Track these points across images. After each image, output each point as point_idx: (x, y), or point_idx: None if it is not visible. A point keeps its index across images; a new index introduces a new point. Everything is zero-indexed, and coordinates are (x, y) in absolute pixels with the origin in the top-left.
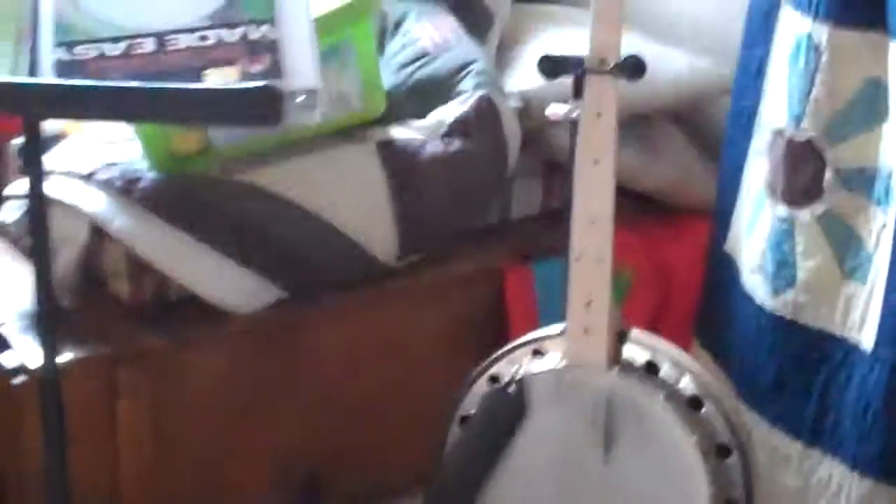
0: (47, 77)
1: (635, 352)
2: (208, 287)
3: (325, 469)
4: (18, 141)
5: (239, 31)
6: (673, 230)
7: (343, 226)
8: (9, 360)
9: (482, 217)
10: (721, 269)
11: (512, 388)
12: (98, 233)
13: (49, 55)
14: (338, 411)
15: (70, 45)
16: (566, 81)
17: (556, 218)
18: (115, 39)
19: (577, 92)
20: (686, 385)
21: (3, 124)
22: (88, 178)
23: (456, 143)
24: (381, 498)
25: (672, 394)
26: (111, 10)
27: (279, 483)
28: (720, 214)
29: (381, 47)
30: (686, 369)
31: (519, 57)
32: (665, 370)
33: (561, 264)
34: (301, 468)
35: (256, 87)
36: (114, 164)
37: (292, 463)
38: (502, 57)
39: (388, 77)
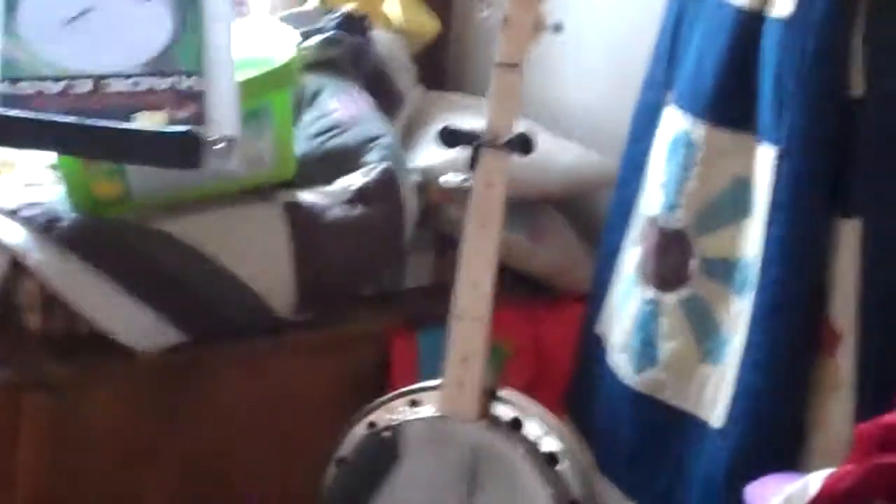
0: None
1: (504, 409)
2: (113, 324)
3: None
4: None
5: (169, 80)
6: (553, 310)
7: (246, 278)
8: None
9: (377, 282)
10: (590, 348)
11: (387, 434)
12: (16, 266)
13: None
14: (225, 454)
15: (13, 81)
16: (463, 161)
17: (444, 290)
18: (56, 79)
19: (472, 164)
20: (547, 442)
21: None
22: (12, 214)
23: (357, 210)
24: None
25: (532, 449)
26: (54, 51)
27: None
28: (594, 297)
29: (296, 116)
30: (549, 428)
31: (423, 137)
32: (529, 427)
33: (445, 332)
34: None
35: (180, 131)
36: (38, 203)
37: None
38: (408, 136)
39: (301, 144)
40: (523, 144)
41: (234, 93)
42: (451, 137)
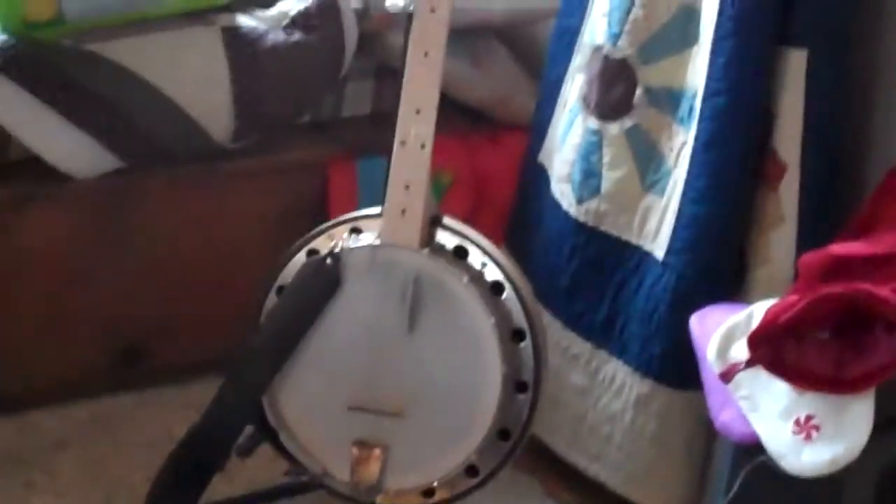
0: None
1: (447, 237)
2: (49, 148)
3: (148, 339)
4: None
5: None
6: (493, 140)
7: (183, 103)
8: None
9: (315, 110)
10: (533, 178)
11: (329, 261)
12: None
13: None
14: (163, 281)
15: None
16: None
17: (384, 119)
18: None
19: None
20: (490, 271)
21: None
22: None
23: (296, 35)
24: (203, 370)
25: (476, 277)
26: None
27: (103, 348)
28: (537, 127)
29: None
30: (492, 257)
31: None
32: (472, 256)
33: (384, 162)
34: (125, 336)
35: None
36: None
37: (117, 330)
38: None
39: None
40: None
41: None
42: None
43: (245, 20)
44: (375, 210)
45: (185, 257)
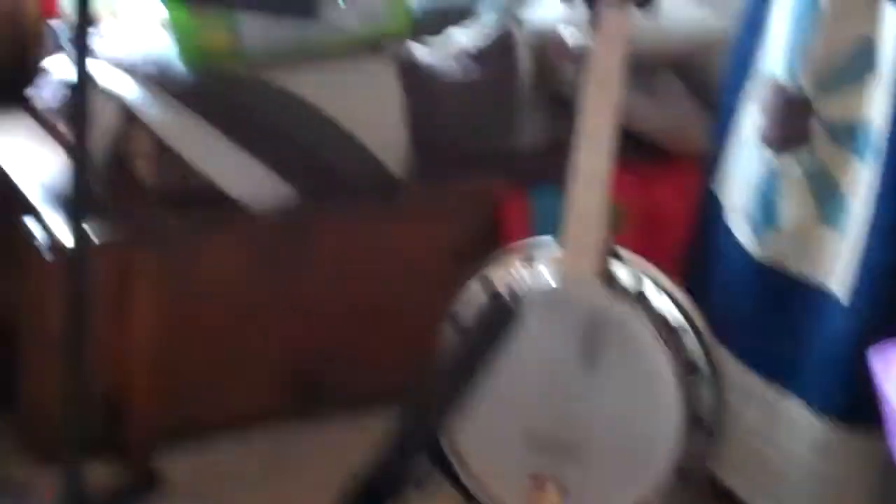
0: None
1: (623, 272)
2: (228, 180)
3: (325, 370)
4: (56, 22)
5: None
6: (667, 172)
7: (359, 134)
8: (37, 232)
9: (490, 142)
10: (708, 210)
11: (504, 292)
12: (129, 118)
13: None
14: (339, 313)
15: None
16: (579, 17)
17: (557, 149)
18: None
19: (592, 23)
20: (668, 307)
21: (43, 4)
22: (126, 66)
23: (472, 68)
24: (379, 400)
25: (653, 313)
26: None
27: (280, 380)
28: (711, 158)
29: None
30: (669, 293)
31: None
32: (650, 291)
33: (559, 192)
34: (302, 368)
35: None
36: (149, 55)
37: (294, 362)
38: None
39: None
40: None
41: None
42: None
43: (421, 52)
44: (552, 241)
45: (360, 288)
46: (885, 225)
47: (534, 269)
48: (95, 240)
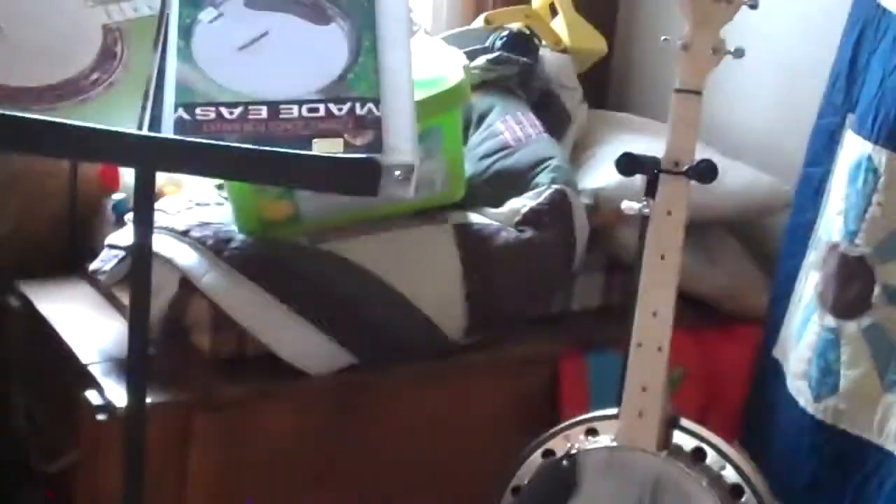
0: (167, 133)
1: (683, 439)
2: (285, 347)
3: None
4: (117, 196)
5: (346, 106)
6: (725, 335)
7: (417, 301)
8: (94, 398)
9: (546, 305)
10: (768, 374)
11: (566, 462)
12: (186, 286)
13: (169, 114)
14: (393, 477)
15: (190, 106)
16: (634, 184)
17: (614, 313)
18: (232, 104)
19: (650, 191)
20: (729, 474)
21: (105, 179)
22: (183, 234)
23: (528, 233)
24: None
25: (715, 480)
26: (230, 76)
27: None
28: (771, 322)
29: (464, 137)
30: (730, 459)
31: (592, 157)
32: (710, 458)
33: (616, 357)
34: None
35: (360, 159)
36: (207, 224)
37: None
38: (576, 157)
39: (470, 165)
40: (706, 172)
41: (411, 119)
42: (630, 164)
43: (477, 218)
44: (612, 411)
45: (418, 455)
46: None
47: (595, 439)
48: (152, 404)
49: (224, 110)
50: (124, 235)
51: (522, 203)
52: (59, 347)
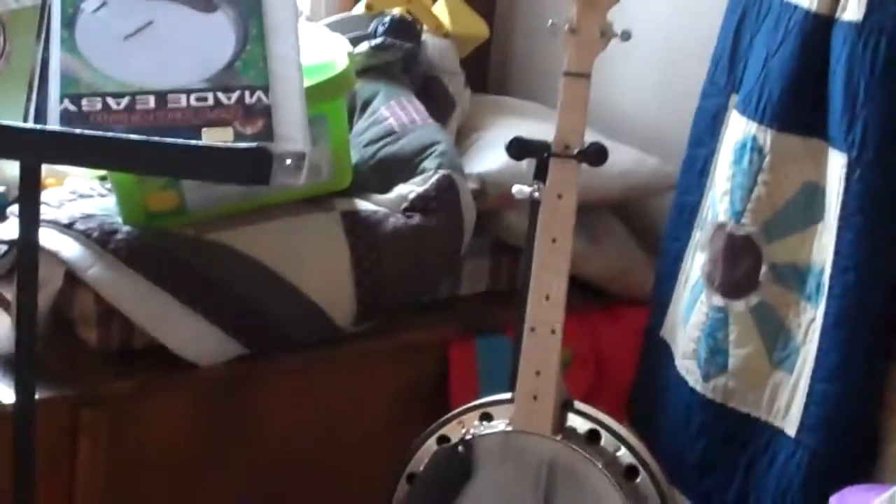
0: (53, 125)
1: (578, 421)
2: (173, 337)
3: None
4: None
5: (235, 95)
6: (611, 316)
7: (306, 289)
8: None
9: (434, 290)
10: (656, 354)
11: (461, 448)
12: (70, 279)
13: (53, 105)
14: (286, 468)
15: (75, 98)
16: (520, 166)
17: (501, 297)
18: (118, 95)
19: (540, 174)
20: (624, 455)
21: None
22: (67, 227)
23: (416, 218)
24: None
25: (610, 462)
26: (116, 66)
27: None
28: (657, 302)
29: (350, 124)
30: (625, 441)
31: (476, 142)
32: (605, 440)
33: (504, 340)
34: None
35: (249, 147)
36: (91, 216)
37: None
38: (460, 141)
39: (355, 152)
40: (597, 155)
41: (301, 106)
42: (520, 149)
43: (364, 205)
44: (506, 395)
45: (307, 442)
46: (828, 360)
47: (489, 424)
48: (39, 400)
49: (111, 101)
50: (4, 229)
51: (409, 189)
52: None
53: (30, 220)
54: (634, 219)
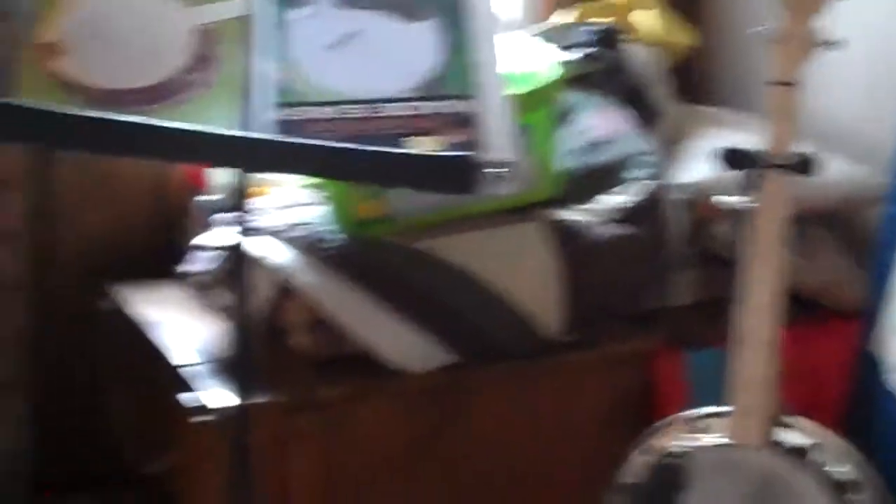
0: (264, 134)
1: (791, 435)
2: (383, 346)
3: None
4: (205, 197)
5: (441, 104)
6: (821, 330)
7: (513, 299)
8: (190, 400)
9: (641, 301)
10: (866, 368)
11: (674, 460)
12: (283, 287)
13: (266, 114)
14: (493, 478)
15: (290, 107)
16: (727, 177)
17: (709, 308)
18: (329, 104)
19: (752, 185)
20: (838, 469)
21: (192, 181)
22: (278, 234)
23: (623, 229)
24: None
25: (825, 477)
26: (326, 75)
27: None
28: (868, 315)
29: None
30: (839, 454)
31: (683, 152)
32: (818, 454)
33: (717, 353)
34: None
35: (458, 156)
36: (302, 225)
37: None
38: (666, 151)
39: (560, 161)
40: (804, 165)
41: (507, 115)
42: (735, 159)
43: (571, 214)
44: (719, 408)
45: (514, 452)
46: None
47: (702, 436)
48: (253, 405)
49: (322, 110)
50: (212, 237)
51: (615, 199)
52: (151, 350)
53: (244, 228)
54: (844, 230)
